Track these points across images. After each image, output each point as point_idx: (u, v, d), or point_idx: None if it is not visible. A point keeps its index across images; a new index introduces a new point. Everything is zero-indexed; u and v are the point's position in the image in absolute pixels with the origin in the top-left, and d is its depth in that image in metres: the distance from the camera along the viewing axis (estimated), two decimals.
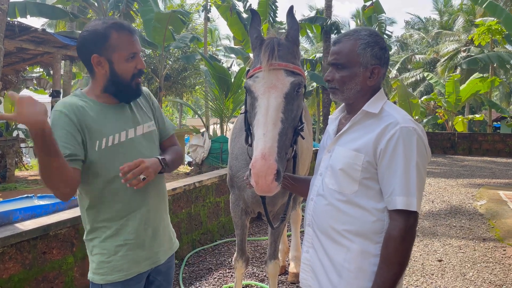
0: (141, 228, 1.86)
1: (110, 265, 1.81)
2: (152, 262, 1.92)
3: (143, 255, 1.87)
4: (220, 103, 10.45)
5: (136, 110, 1.93)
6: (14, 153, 10.29)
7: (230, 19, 14.53)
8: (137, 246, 1.85)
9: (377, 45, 1.63)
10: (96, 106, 1.80)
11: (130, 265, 1.83)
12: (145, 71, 12.81)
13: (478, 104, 30.36)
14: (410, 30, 36.67)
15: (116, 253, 1.81)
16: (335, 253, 1.62)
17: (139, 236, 1.85)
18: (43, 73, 15.72)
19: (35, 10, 12.46)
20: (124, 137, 1.82)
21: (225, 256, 4.87)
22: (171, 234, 2.07)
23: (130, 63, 1.80)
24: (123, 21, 1.89)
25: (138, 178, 1.69)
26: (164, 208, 2.02)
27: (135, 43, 1.81)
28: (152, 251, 1.91)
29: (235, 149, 2.88)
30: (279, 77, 1.77)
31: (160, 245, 1.96)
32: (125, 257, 1.82)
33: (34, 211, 3.46)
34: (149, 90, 2.15)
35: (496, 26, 18.05)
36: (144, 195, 1.87)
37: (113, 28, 1.77)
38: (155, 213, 1.92)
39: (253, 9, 2.20)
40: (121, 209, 1.81)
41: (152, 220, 1.90)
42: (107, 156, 1.77)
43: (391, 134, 1.52)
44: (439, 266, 4.65)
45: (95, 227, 1.83)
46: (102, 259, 1.81)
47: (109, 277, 1.81)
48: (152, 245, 1.90)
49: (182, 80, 20.04)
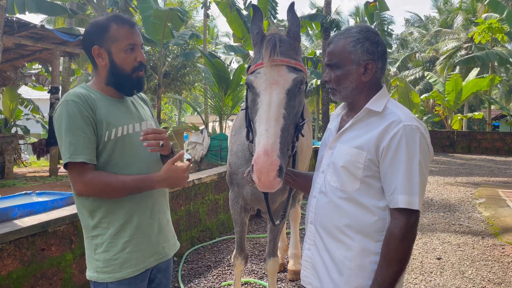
0: (147, 222, 1.85)
1: (118, 262, 1.78)
2: (159, 256, 1.91)
3: (151, 249, 1.86)
4: (219, 101, 10.43)
5: (139, 107, 1.99)
6: (12, 150, 10.28)
7: (230, 16, 14.49)
8: (144, 241, 1.84)
9: (367, 40, 1.63)
10: (103, 98, 1.83)
11: (138, 260, 1.82)
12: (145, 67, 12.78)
13: (477, 102, 30.39)
14: (410, 28, 36.64)
15: (124, 249, 1.79)
16: (336, 251, 1.62)
17: (145, 230, 1.84)
18: (41, 69, 15.71)
19: (33, 6, 12.40)
20: (131, 129, 1.85)
21: (224, 253, 4.87)
22: (173, 229, 2.07)
23: (129, 55, 1.82)
24: (124, 14, 1.91)
25: (158, 142, 1.77)
26: (166, 204, 2.02)
27: (134, 35, 1.84)
28: (159, 245, 1.91)
29: (235, 146, 2.87)
30: (281, 73, 1.76)
31: (166, 239, 1.96)
32: (133, 252, 1.80)
33: (32, 208, 3.45)
34: (148, 87, 2.18)
35: (496, 25, 18.04)
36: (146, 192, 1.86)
37: (113, 20, 1.83)
38: (159, 207, 1.93)
39: (255, 5, 2.19)
40: (126, 202, 1.80)
41: (157, 214, 1.90)
42: (115, 147, 1.79)
43: (394, 132, 1.52)
44: (438, 264, 4.65)
45: (99, 223, 1.79)
46: (109, 257, 1.78)
47: (117, 275, 1.78)
48: (158, 239, 1.90)
49: (181, 77, 19.99)
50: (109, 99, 1.85)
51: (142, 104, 2.06)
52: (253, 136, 1.83)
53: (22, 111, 15.65)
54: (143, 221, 1.83)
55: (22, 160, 13.10)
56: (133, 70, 1.84)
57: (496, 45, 23.49)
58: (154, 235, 1.88)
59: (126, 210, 1.80)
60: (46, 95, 12.17)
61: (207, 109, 14.75)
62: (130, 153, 1.81)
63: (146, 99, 2.13)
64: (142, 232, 1.83)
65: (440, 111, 22.02)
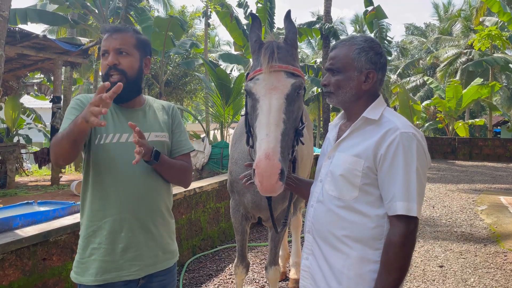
0: (113, 235, 1.81)
1: (84, 266, 1.81)
2: (122, 275, 1.82)
3: (112, 265, 1.80)
4: (220, 109, 10.46)
5: (149, 117, 1.97)
6: (14, 159, 10.30)
7: (230, 25, 14.59)
8: (107, 253, 1.80)
9: (372, 50, 1.67)
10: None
11: (99, 271, 1.79)
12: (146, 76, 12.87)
13: (478, 109, 30.38)
14: (409, 37, 36.75)
15: (90, 255, 1.81)
16: (334, 260, 1.62)
17: (112, 243, 1.81)
18: (43, 79, 15.76)
19: (35, 16, 12.52)
20: (125, 139, 1.85)
21: (225, 262, 4.86)
22: (159, 250, 1.93)
23: (104, 60, 1.87)
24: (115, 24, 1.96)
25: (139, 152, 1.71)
26: (153, 221, 1.91)
27: (107, 41, 1.87)
28: (124, 263, 1.82)
29: (235, 154, 2.88)
30: (279, 79, 1.78)
31: (136, 258, 1.85)
32: (96, 262, 1.79)
33: (34, 218, 3.45)
34: (150, 95, 2.19)
35: (496, 32, 18.11)
36: (126, 203, 1.82)
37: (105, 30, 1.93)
38: (133, 224, 1.84)
39: (254, 13, 2.22)
40: (99, 209, 1.81)
41: (128, 230, 1.82)
42: (101, 153, 1.81)
43: (391, 139, 1.53)
44: (440, 272, 4.63)
45: (83, 223, 1.87)
46: (78, 258, 1.84)
47: (81, 278, 1.81)
48: (123, 257, 1.82)
49: (182, 85, 20.08)
50: (115, 107, 1.90)
51: (161, 112, 2.03)
52: (253, 142, 1.84)
53: (24, 120, 15.71)
54: (111, 233, 1.81)
55: (24, 169, 13.12)
56: (105, 76, 1.85)
57: (496, 52, 23.56)
58: (119, 251, 1.81)
59: (100, 216, 1.82)
60: (48, 104, 12.21)
61: (208, 117, 14.78)
62: (116, 162, 1.82)
63: (169, 107, 2.09)
64: (108, 244, 1.81)
65: (441, 118, 22.04)
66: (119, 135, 1.85)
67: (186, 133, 2.16)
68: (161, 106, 2.07)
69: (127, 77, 1.85)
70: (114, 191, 1.82)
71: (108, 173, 1.82)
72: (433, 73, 30.33)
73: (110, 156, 1.82)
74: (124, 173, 1.83)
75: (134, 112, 1.94)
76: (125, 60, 1.85)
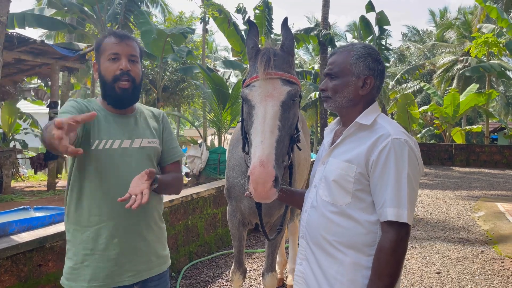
0: (108, 242, 1.81)
1: (76, 272, 1.80)
2: (116, 281, 1.82)
3: (106, 272, 1.80)
4: (218, 114, 10.47)
5: (141, 123, 1.98)
6: (10, 164, 10.26)
7: (228, 31, 14.62)
8: (101, 260, 1.80)
9: (370, 56, 1.68)
10: (101, 111, 1.89)
11: (92, 277, 1.79)
12: (144, 82, 12.86)
13: (475, 115, 30.50)
14: (407, 43, 36.94)
15: (83, 261, 1.80)
16: (328, 265, 1.62)
17: (105, 249, 1.81)
18: (41, 84, 15.76)
19: (33, 21, 12.51)
20: (117, 145, 1.86)
21: (222, 268, 4.84)
22: (152, 255, 1.94)
23: (112, 64, 1.85)
24: (120, 30, 1.95)
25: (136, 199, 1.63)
26: (146, 226, 1.92)
27: (120, 46, 1.87)
28: (118, 270, 1.83)
29: (232, 160, 2.88)
30: (275, 86, 1.79)
31: (130, 265, 1.86)
32: (89, 268, 1.79)
33: (30, 223, 3.45)
34: (147, 101, 2.19)
35: (493, 39, 18.24)
36: (118, 209, 1.81)
37: (107, 35, 1.92)
38: (126, 230, 1.85)
39: (251, 20, 2.23)
40: (94, 215, 1.81)
41: (121, 236, 1.83)
42: (95, 158, 1.81)
43: (383, 145, 1.54)
44: (437, 278, 4.62)
45: (71, 229, 1.85)
46: (70, 265, 1.82)
47: (73, 285, 1.80)
48: (117, 263, 1.82)
49: (180, 91, 20.09)
50: (107, 113, 1.90)
51: (151, 119, 2.05)
52: (249, 148, 1.85)
53: (20, 125, 15.67)
54: (107, 239, 1.81)
55: (20, 175, 13.06)
56: (114, 79, 1.84)
57: (492, 59, 23.70)
58: (113, 258, 1.82)
59: (94, 222, 1.81)
60: (45, 109, 12.22)
61: (206, 123, 14.79)
62: (108, 167, 1.82)
63: (159, 114, 2.11)
64: (103, 250, 1.81)
65: (439, 124, 22.12)
66: (112, 141, 1.85)
67: (176, 139, 2.18)
68: (151, 113, 2.09)
69: (135, 84, 1.90)
70: (106, 197, 1.81)
71: (99, 179, 1.81)
72: (430, 79, 30.44)
73: (102, 162, 1.82)
74: (116, 179, 1.83)
75: (126, 118, 1.95)
76: (135, 68, 1.90)
